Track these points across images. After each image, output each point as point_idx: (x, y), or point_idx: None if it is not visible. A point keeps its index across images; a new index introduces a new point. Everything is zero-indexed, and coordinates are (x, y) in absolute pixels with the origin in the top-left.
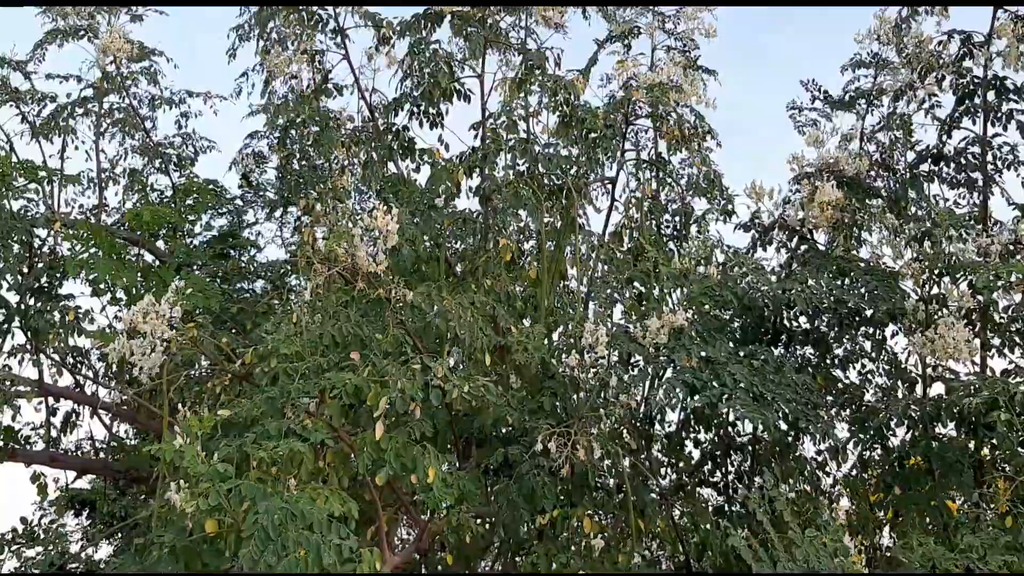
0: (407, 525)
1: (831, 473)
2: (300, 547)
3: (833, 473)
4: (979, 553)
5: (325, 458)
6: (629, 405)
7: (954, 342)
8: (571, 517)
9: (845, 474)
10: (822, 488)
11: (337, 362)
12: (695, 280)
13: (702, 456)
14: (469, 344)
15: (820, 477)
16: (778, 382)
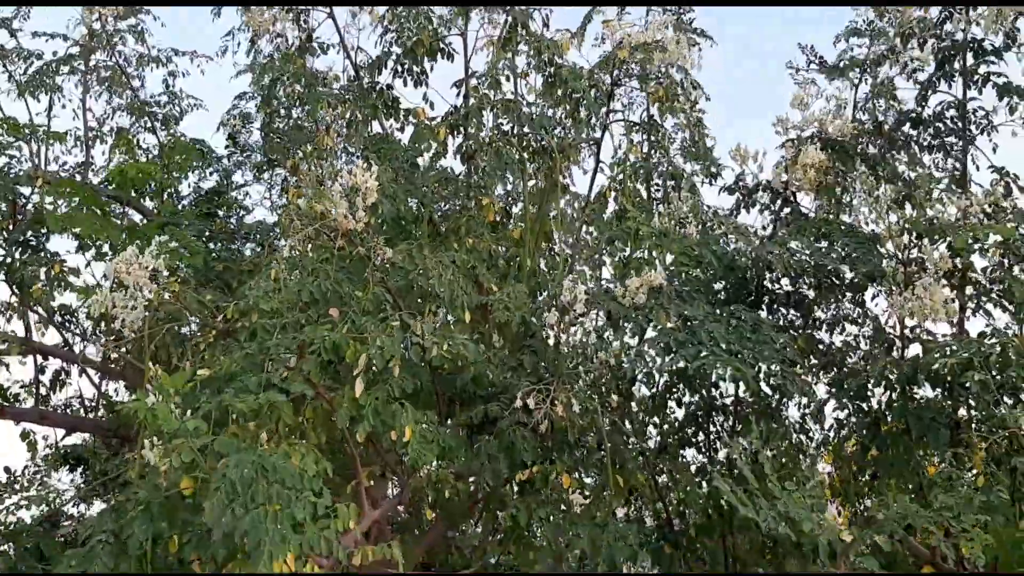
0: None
1: (813, 437)
2: (270, 502)
3: (815, 436)
4: (954, 512)
5: (304, 415)
6: (608, 363)
7: (932, 303)
8: (551, 473)
9: (824, 434)
10: (804, 450)
11: (316, 319)
12: (675, 240)
13: (685, 417)
14: (449, 302)
15: (804, 440)
16: (756, 340)
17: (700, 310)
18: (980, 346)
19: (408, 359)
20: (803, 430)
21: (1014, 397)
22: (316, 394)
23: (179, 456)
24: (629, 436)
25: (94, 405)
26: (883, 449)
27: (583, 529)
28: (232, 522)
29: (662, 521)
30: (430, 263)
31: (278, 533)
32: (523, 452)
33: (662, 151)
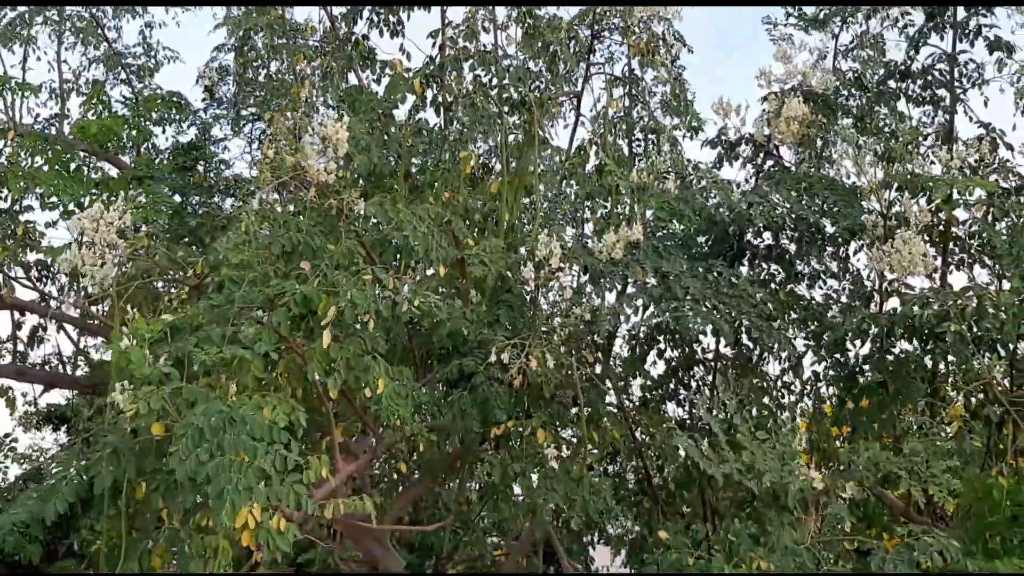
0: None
1: (794, 391)
2: (237, 451)
3: (795, 390)
4: (923, 458)
5: (277, 368)
6: (583, 319)
7: (911, 256)
8: (525, 428)
9: (802, 388)
10: (783, 404)
11: (287, 272)
12: (653, 194)
13: (666, 372)
14: (424, 256)
15: (783, 394)
16: (733, 295)
17: (677, 265)
18: (957, 299)
19: (382, 314)
20: (784, 385)
21: (990, 349)
22: (288, 347)
23: (148, 402)
24: (606, 392)
25: (73, 361)
26: (859, 401)
27: (558, 484)
28: (196, 469)
29: (641, 476)
30: (404, 217)
31: (242, 483)
32: (496, 408)
33: (643, 105)
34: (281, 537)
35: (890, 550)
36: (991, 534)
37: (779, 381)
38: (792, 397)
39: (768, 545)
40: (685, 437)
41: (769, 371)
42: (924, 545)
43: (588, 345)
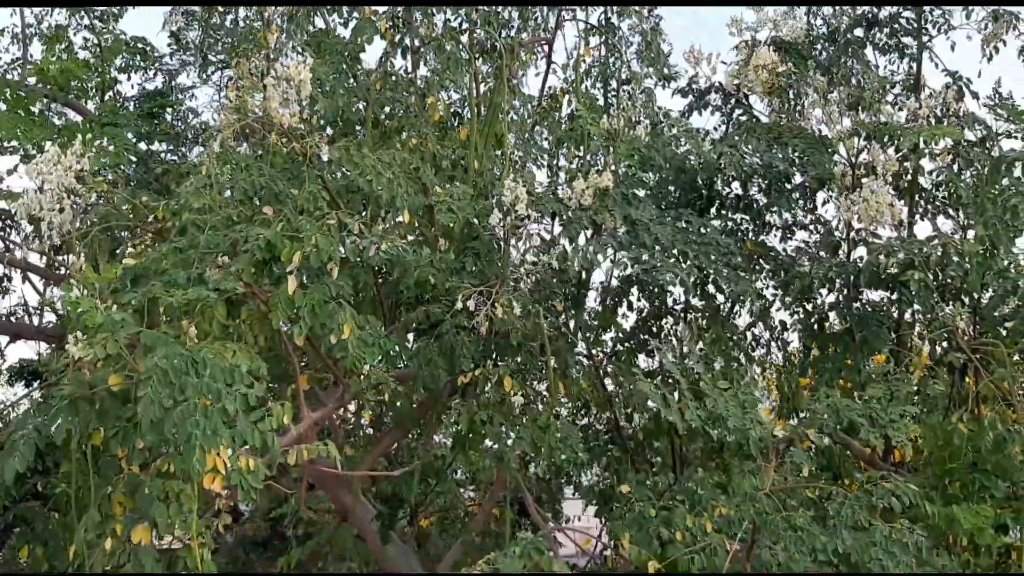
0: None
1: (762, 342)
2: (200, 394)
3: (763, 341)
4: (882, 404)
5: (241, 315)
6: (551, 266)
7: (877, 205)
8: (493, 376)
9: (769, 336)
10: (751, 355)
11: (250, 216)
12: (624, 141)
13: (637, 322)
14: (389, 203)
15: (753, 346)
16: (701, 243)
17: (647, 213)
18: (922, 247)
19: (349, 261)
20: (754, 337)
21: (955, 297)
22: (251, 293)
23: (103, 349)
24: (575, 342)
25: (39, 311)
26: (825, 349)
27: (525, 431)
28: (161, 414)
29: (611, 427)
30: (369, 163)
31: (209, 426)
32: (463, 356)
33: (617, 55)
34: (252, 475)
35: (848, 495)
36: (951, 480)
37: (748, 332)
38: (761, 348)
39: (730, 493)
40: (649, 384)
41: (740, 323)
42: (882, 490)
43: (557, 294)
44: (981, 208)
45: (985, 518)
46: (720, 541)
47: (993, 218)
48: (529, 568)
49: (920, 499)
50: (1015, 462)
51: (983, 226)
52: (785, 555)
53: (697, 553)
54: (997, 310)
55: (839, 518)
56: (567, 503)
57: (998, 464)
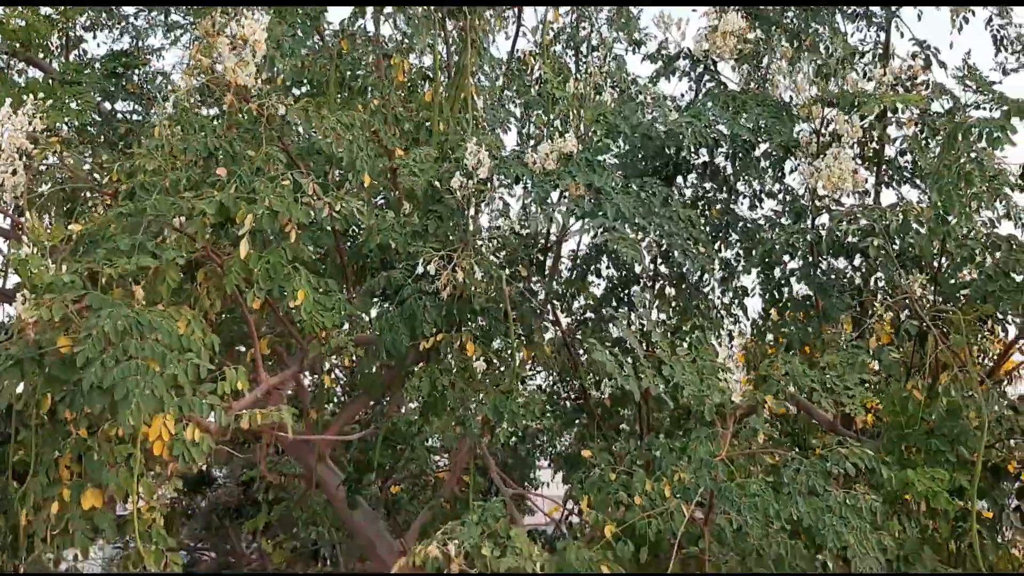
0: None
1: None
2: (145, 356)
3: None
4: (838, 371)
5: (197, 279)
6: (514, 230)
7: (841, 172)
8: (455, 341)
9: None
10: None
11: (203, 178)
12: (590, 107)
13: (605, 290)
14: (349, 164)
15: (723, 315)
16: (663, 215)
17: (610, 180)
18: (883, 214)
19: (306, 223)
20: (724, 306)
21: (915, 264)
22: (207, 256)
23: (50, 310)
24: (540, 307)
25: (4, 272)
26: (784, 313)
27: (487, 396)
28: (102, 374)
29: (578, 394)
30: (328, 123)
31: (150, 387)
32: (424, 321)
33: (587, 19)
34: (196, 448)
35: (804, 461)
36: (907, 446)
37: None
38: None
39: (688, 459)
40: (605, 352)
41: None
42: (837, 455)
43: (522, 259)
44: (937, 174)
45: (940, 482)
46: (678, 506)
47: (947, 184)
48: (488, 534)
49: (876, 463)
50: (969, 428)
51: (937, 192)
52: (739, 520)
53: (655, 517)
54: (955, 278)
55: (794, 484)
56: (543, 472)
57: (952, 430)
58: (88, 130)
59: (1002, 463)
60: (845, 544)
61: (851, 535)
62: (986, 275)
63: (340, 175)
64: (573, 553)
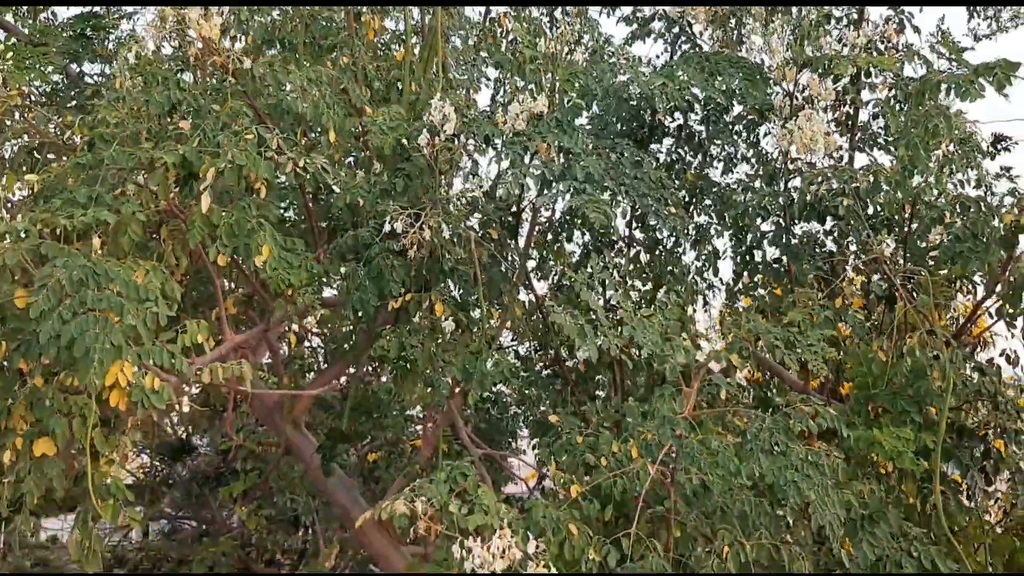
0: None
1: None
2: (102, 307)
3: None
4: (801, 329)
5: (161, 235)
6: (480, 187)
7: (813, 134)
8: (424, 301)
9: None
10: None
11: (166, 131)
12: (560, 66)
13: (581, 255)
14: (315, 120)
15: (697, 282)
16: (634, 177)
17: (581, 142)
18: (853, 175)
19: (277, 183)
20: (699, 271)
21: (884, 226)
22: (170, 212)
23: (3, 258)
24: (511, 269)
25: None
26: (754, 275)
27: (456, 357)
28: (59, 326)
29: (552, 359)
30: (295, 78)
31: (108, 339)
32: (392, 281)
33: None
34: (156, 396)
35: (766, 420)
36: (874, 406)
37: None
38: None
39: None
40: (562, 313)
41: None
42: (800, 413)
43: (494, 222)
44: (905, 130)
45: (905, 442)
46: (643, 466)
47: (914, 138)
48: (456, 492)
49: (838, 423)
50: (933, 387)
51: (904, 147)
52: (701, 476)
53: (620, 477)
54: (924, 240)
55: (756, 442)
56: (525, 441)
57: (919, 391)
58: (57, 92)
59: (969, 425)
60: (807, 500)
61: (812, 491)
62: (954, 236)
63: (314, 137)
64: (540, 511)
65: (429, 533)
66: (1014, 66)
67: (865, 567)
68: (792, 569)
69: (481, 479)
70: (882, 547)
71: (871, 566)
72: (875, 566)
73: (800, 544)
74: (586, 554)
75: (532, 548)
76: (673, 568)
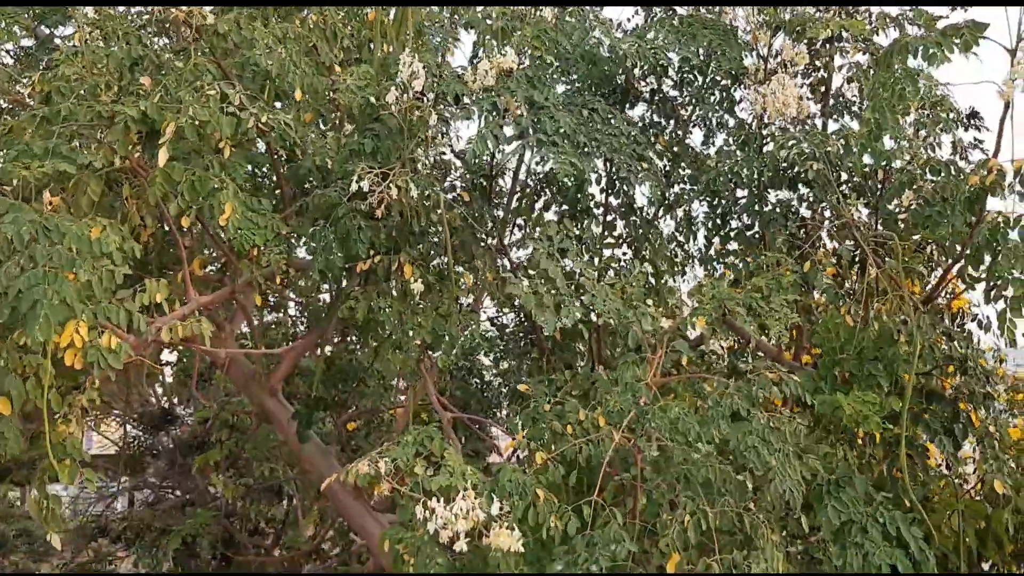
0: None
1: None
2: (54, 263)
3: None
4: (763, 294)
5: (122, 193)
6: (452, 148)
7: (785, 98)
8: (393, 263)
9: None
10: (675, 259)
11: (126, 86)
12: (530, 23)
13: (557, 221)
14: (278, 77)
15: (677, 253)
16: (606, 132)
17: (552, 97)
18: (824, 138)
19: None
20: (677, 242)
21: (855, 191)
22: (131, 168)
23: None
24: (482, 232)
25: None
26: (726, 243)
27: (425, 319)
28: (7, 283)
29: (528, 327)
30: (260, 35)
31: (59, 296)
32: (359, 241)
33: None
34: (113, 355)
35: (729, 385)
36: (841, 371)
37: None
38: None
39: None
40: (519, 282)
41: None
42: (763, 380)
43: (465, 184)
44: (872, 92)
45: (871, 406)
46: (608, 432)
47: (882, 101)
48: (422, 455)
49: (801, 390)
50: (900, 352)
51: (871, 109)
52: (662, 441)
53: (585, 444)
54: (896, 203)
55: (717, 408)
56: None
57: (887, 355)
58: (29, 54)
59: (938, 390)
60: (767, 465)
61: (773, 457)
62: (924, 200)
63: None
64: (507, 475)
65: (394, 495)
66: (981, 27)
67: (830, 533)
68: (756, 536)
69: (450, 442)
70: (848, 512)
71: (836, 532)
72: (840, 531)
73: (766, 511)
74: (548, 520)
75: (496, 510)
76: (638, 536)
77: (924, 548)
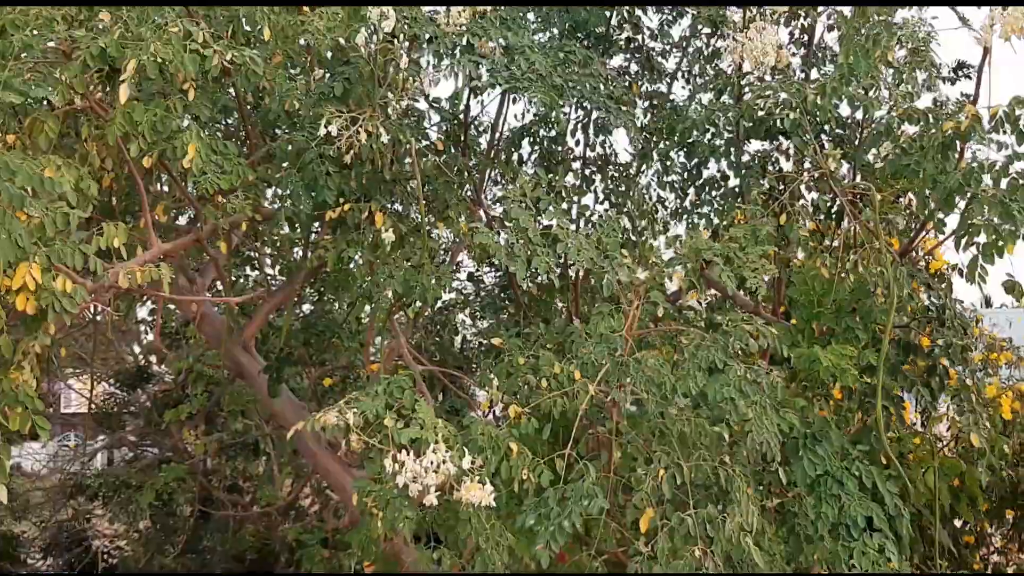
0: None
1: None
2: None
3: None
4: (740, 244)
5: (82, 134)
6: (427, 97)
7: (763, 46)
8: (363, 211)
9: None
10: (655, 215)
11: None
12: None
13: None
14: (245, 17)
15: (657, 208)
16: (582, 74)
17: (525, 38)
18: (801, 88)
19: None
20: (659, 199)
21: (833, 141)
22: (90, 107)
23: None
24: (457, 181)
25: None
26: (701, 194)
27: (396, 270)
28: None
29: (506, 281)
30: None
31: (9, 235)
32: (327, 188)
33: None
34: (67, 299)
35: (704, 337)
36: (817, 324)
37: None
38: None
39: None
40: (487, 232)
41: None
42: (740, 332)
43: (439, 133)
44: (848, 38)
45: (848, 358)
46: (583, 385)
47: (856, 45)
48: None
49: (777, 342)
50: (877, 304)
51: (844, 54)
52: (637, 394)
53: (560, 397)
54: (875, 152)
55: (693, 360)
56: None
57: (864, 307)
58: None
59: (915, 341)
60: (744, 418)
61: (750, 409)
62: (901, 149)
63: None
64: (479, 428)
65: (362, 447)
66: None
67: (805, 485)
68: (732, 490)
69: (420, 394)
70: (823, 465)
71: (811, 483)
72: (815, 483)
73: (741, 465)
74: (519, 474)
75: (467, 464)
76: (612, 490)
77: (899, 504)
